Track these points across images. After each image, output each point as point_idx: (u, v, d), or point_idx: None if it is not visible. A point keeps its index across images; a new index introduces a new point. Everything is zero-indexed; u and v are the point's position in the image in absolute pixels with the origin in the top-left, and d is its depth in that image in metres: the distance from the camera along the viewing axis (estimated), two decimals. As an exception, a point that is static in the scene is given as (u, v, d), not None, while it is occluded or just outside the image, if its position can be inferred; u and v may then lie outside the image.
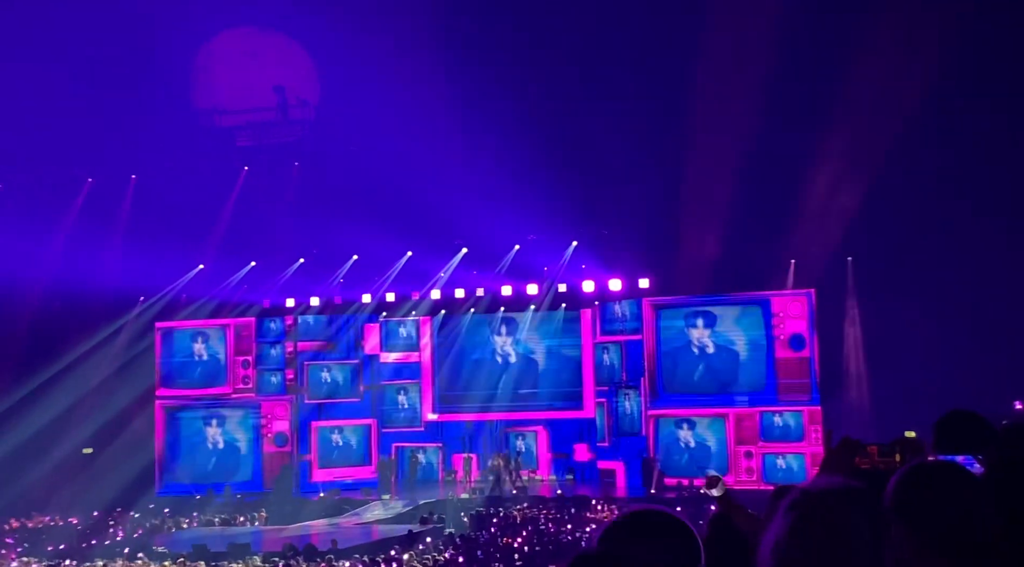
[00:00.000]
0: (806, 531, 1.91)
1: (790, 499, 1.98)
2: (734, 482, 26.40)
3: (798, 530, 1.91)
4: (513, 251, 29.75)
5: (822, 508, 1.93)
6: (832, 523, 1.91)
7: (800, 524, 1.92)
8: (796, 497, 1.97)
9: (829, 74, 24.59)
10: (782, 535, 1.92)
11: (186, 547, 21.65)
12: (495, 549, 18.57)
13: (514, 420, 30.59)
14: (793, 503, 1.96)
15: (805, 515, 1.93)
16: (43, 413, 28.64)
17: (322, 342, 31.11)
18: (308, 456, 30.55)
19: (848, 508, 1.93)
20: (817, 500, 1.95)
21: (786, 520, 1.94)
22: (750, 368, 27.67)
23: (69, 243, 28.14)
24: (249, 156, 30.02)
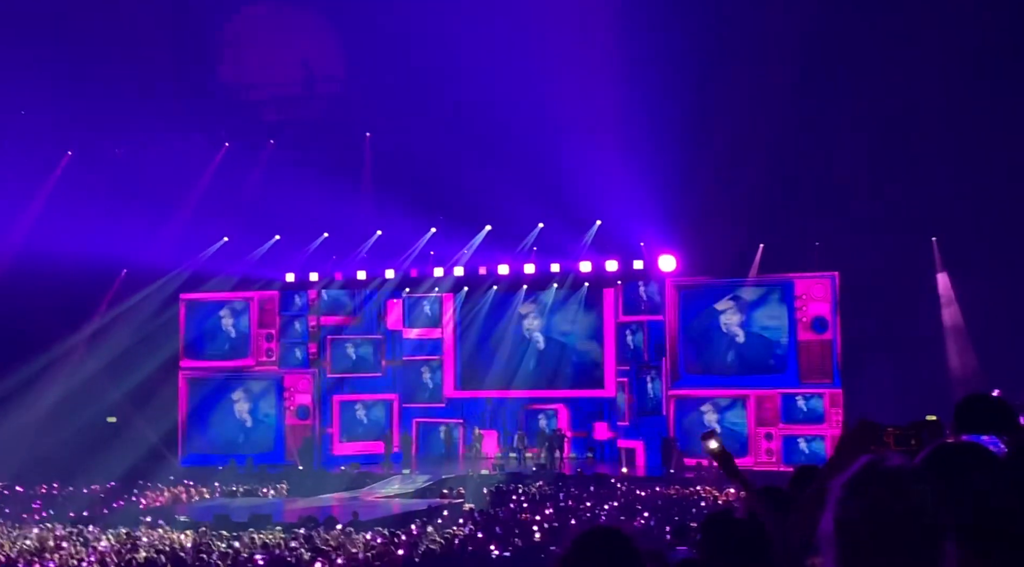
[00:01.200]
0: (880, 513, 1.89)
1: (854, 478, 1.96)
2: (753, 463, 26.41)
3: (871, 512, 1.89)
4: (537, 229, 29.71)
5: (895, 487, 1.92)
6: (905, 506, 1.90)
7: (873, 504, 1.90)
8: (862, 474, 1.95)
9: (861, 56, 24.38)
10: (852, 517, 1.90)
11: (208, 516, 21.87)
12: (514, 525, 18.64)
13: (535, 398, 30.65)
14: (859, 481, 1.94)
15: (879, 497, 1.91)
16: (68, 382, 28.94)
17: (345, 317, 31.24)
18: (330, 429, 30.75)
19: (921, 486, 1.92)
20: (889, 479, 1.93)
21: (853, 501, 1.92)
22: (772, 350, 27.60)
23: (97, 214, 28.31)
24: (275, 130, 30.07)
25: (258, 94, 30.24)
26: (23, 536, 19.29)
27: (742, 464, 23.09)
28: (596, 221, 29.27)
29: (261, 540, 17.33)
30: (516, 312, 31.18)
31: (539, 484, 24.78)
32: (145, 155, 29.58)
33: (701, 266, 28.18)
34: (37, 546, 17.55)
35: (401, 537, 17.70)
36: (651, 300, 28.80)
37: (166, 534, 19.15)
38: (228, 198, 29.54)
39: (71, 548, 17.37)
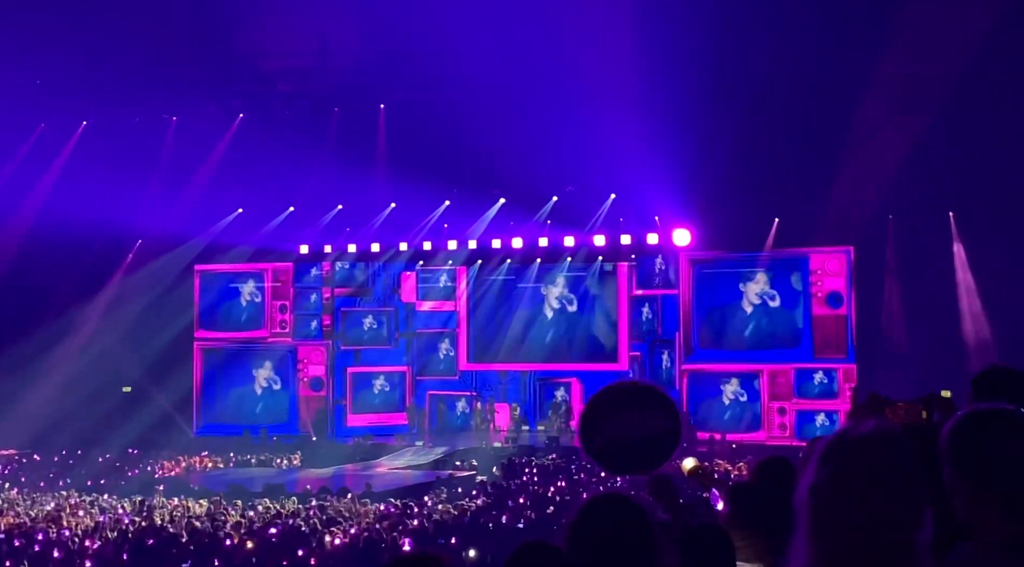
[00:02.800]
0: (845, 477, 1.88)
1: (827, 444, 1.96)
2: (766, 438, 26.43)
3: (837, 476, 1.89)
4: (551, 202, 29.64)
5: (861, 453, 1.91)
6: (871, 469, 1.88)
7: (839, 470, 1.90)
8: (833, 442, 1.95)
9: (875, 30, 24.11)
10: (821, 481, 1.90)
11: (222, 486, 22.04)
12: (526, 497, 18.72)
13: (548, 371, 30.69)
14: (830, 448, 1.94)
15: (844, 461, 1.91)
16: (84, 351, 29.11)
17: (358, 289, 31.30)
18: (343, 401, 30.88)
19: (887, 453, 1.90)
20: (856, 445, 1.92)
21: (824, 466, 1.92)
22: (786, 325, 27.55)
23: (110, 184, 28.35)
24: (289, 101, 30.00)
25: (272, 65, 30.13)
26: (39, 504, 19.49)
27: (754, 438, 23.08)
28: (611, 195, 29.17)
29: (275, 510, 17.46)
30: (530, 285, 31.15)
31: (552, 457, 24.86)
32: (160, 125, 29.56)
33: (716, 240, 28.08)
34: (53, 513, 17.72)
35: (414, 508, 17.80)
36: (665, 274, 28.75)
37: (181, 503, 19.31)
38: (242, 169, 29.51)
39: (86, 516, 17.53)
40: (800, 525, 1.92)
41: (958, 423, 2.24)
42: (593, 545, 2.72)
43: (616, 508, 2.82)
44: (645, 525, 2.76)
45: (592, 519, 2.78)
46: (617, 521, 2.75)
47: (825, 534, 1.87)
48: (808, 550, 1.89)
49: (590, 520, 2.78)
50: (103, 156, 28.67)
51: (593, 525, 2.75)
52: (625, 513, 2.79)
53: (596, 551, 2.71)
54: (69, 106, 28.73)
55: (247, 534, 14.43)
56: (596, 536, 2.73)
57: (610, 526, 2.73)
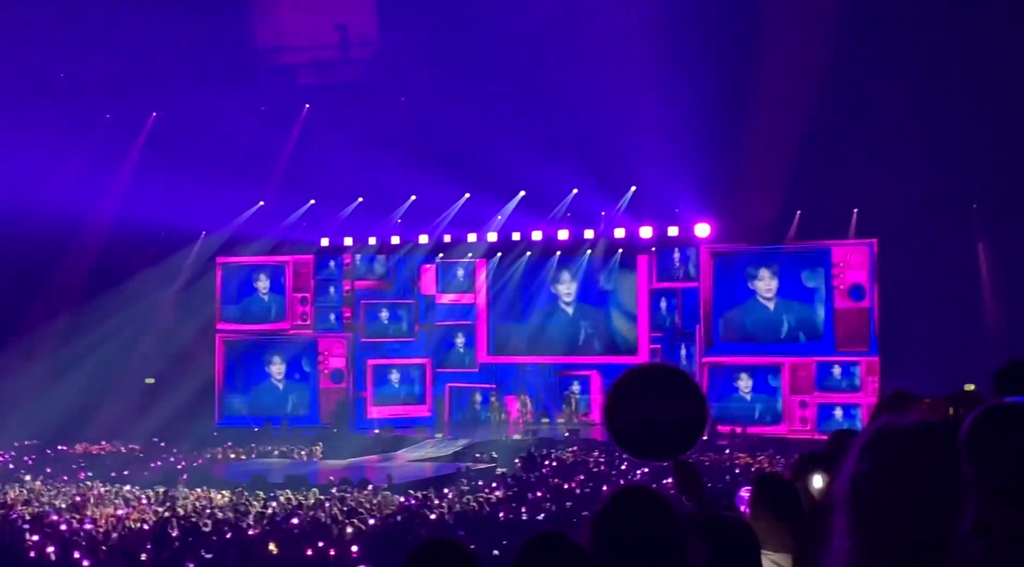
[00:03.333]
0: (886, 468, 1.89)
1: (867, 438, 1.96)
2: (787, 431, 26.35)
3: (878, 467, 1.89)
4: (571, 195, 29.60)
5: (902, 445, 1.91)
6: (912, 460, 1.89)
7: (880, 461, 1.90)
8: (875, 434, 1.95)
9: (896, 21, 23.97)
10: (862, 472, 1.90)
11: (244, 477, 22.15)
12: (546, 490, 18.74)
13: (568, 364, 30.68)
14: (872, 440, 1.94)
15: (885, 452, 1.91)
16: (107, 343, 29.32)
17: (379, 281, 31.39)
18: (363, 393, 30.98)
19: (927, 445, 1.90)
20: (898, 437, 1.92)
21: (865, 457, 1.92)
22: (808, 318, 27.42)
23: (132, 177, 28.53)
24: (310, 94, 30.07)
25: (293, 57, 30.21)
26: (63, 494, 19.65)
27: (775, 432, 22.95)
28: (631, 187, 29.10)
29: (296, 501, 17.55)
30: (549, 278, 31.13)
31: (572, 449, 24.86)
32: (182, 117, 29.69)
33: (737, 233, 27.97)
34: (77, 504, 17.87)
35: (434, 500, 17.85)
36: (685, 267, 28.67)
37: (203, 494, 19.43)
38: (264, 162, 29.63)
39: (110, 507, 17.67)
40: (839, 515, 1.93)
41: (977, 418, 2.23)
42: (618, 538, 2.71)
43: (641, 500, 2.81)
44: (670, 517, 2.76)
45: (616, 511, 2.78)
46: (642, 513, 2.74)
47: (866, 525, 1.88)
48: (849, 541, 1.89)
49: (614, 512, 2.78)
50: (124, 149, 28.85)
51: (617, 517, 2.75)
52: (650, 505, 2.78)
53: (621, 544, 2.70)
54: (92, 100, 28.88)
55: (269, 525, 14.52)
56: (621, 528, 2.73)
57: (635, 518, 2.72)
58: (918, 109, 24.15)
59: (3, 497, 18.70)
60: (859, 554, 1.88)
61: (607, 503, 2.82)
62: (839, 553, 1.91)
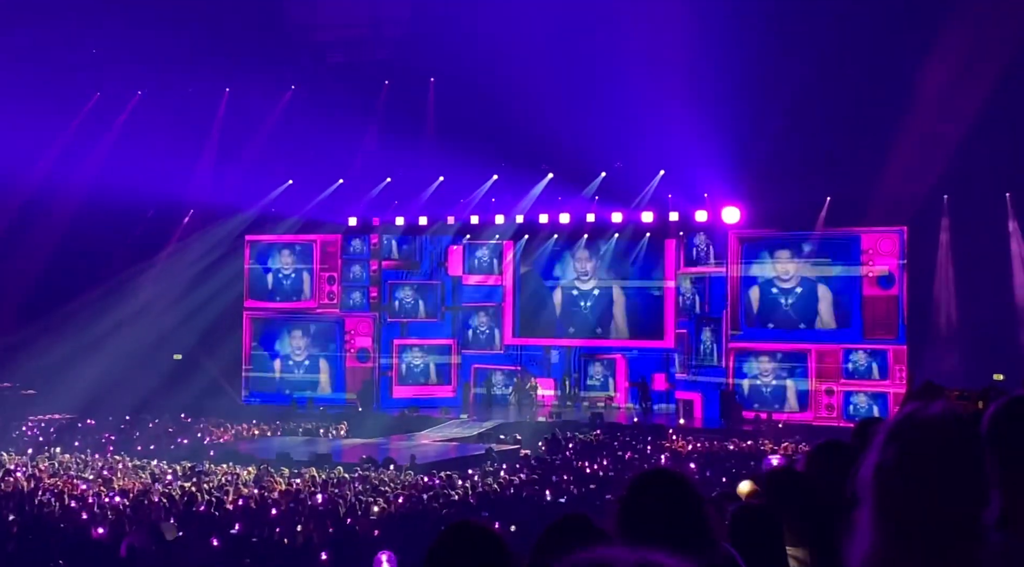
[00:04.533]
0: (911, 457, 1.87)
1: (894, 424, 1.95)
2: (813, 418, 26.22)
3: (903, 455, 1.88)
4: (599, 178, 29.49)
5: (928, 433, 1.90)
6: (938, 449, 1.87)
7: (905, 449, 1.89)
8: (901, 422, 1.94)
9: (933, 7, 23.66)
10: (887, 461, 1.89)
11: (270, 454, 22.33)
12: (569, 473, 18.76)
13: (593, 347, 30.66)
14: (897, 428, 1.93)
15: (911, 440, 1.90)
16: (134, 320, 29.56)
17: (406, 262, 31.45)
18: (389, 373, 31.09)
19: (953, 434, 1.89)
20: (924, 425, 1.91)
21: (890, 445, 1.91)
22: (836, 305, 27.23)
23: (164, 154, 28.68)
24: (341, 73, 30.08)
25: (324, 36, 30.22)
26: (91, 467, 19.88)
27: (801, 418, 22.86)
28: (660, 171, 28.96)
29: (321, 479, 17.65)
30: (576, 261, 31.08)
31: (596, 433, 24.87)
32: (213, 96, 29.81)
33: (766, 218, 27.76)
34: (104, 477, 18.07)
35: (457, 480, 17.91)
36: (713, 252, 28.52)
37: (229, 469, 19.60)
38: (293, 141, 29.71)
39: (137, 481, 17.86)
40: (864, 504, 1.92)
41: (1000, 407, 2.24)
42: (642, 519, 2.74)
43: (667, 482, 2.86)
44: (696, 500, 2.79)
45: (643, 492, 2.80)
46: (668, 496, 2.77)
47: (890, 513, 1.87)
48: (873, 529, 1.88)
49: (641, 494, 2.80)
50: (157, 126, 28.99)
51: (644, 499, 2.77)
52: (676, 488, 2.83)
53: (646, 524, 2.73)
54: (124, 75, 29.05)
55: (294, 502, 14.62)
56: (645, 510, 2.75)
57: (661, 500, 2.75)
58: (950, 96, 23.87)
59: (32, 469, 18.93)
60: (882, 545, 1.87)
61: (632, 485, 2.84)
62: (862, 545, 1.91)
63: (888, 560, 1.86)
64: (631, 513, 2.79)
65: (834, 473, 4.24)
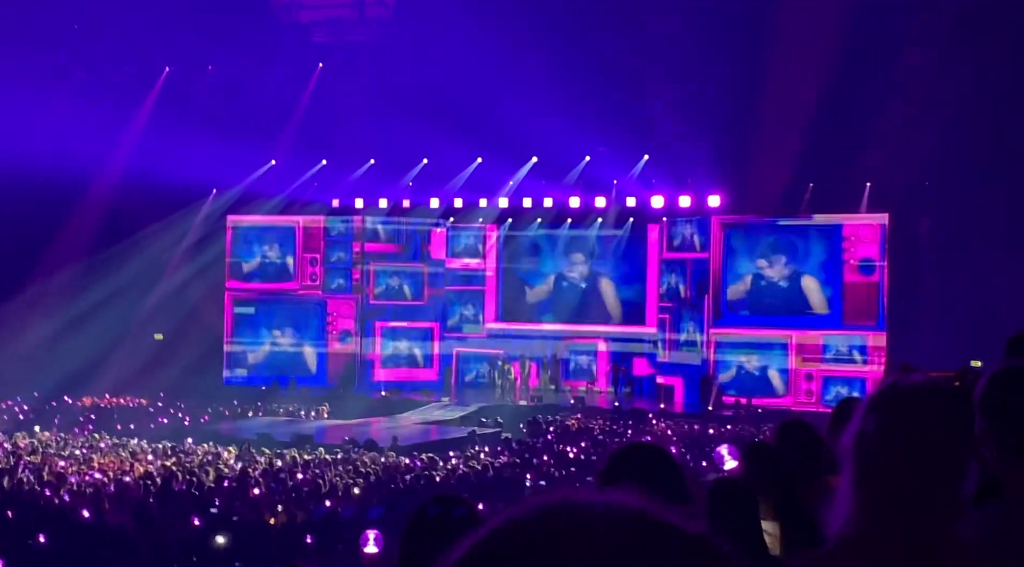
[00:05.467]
0: (892, 425, 1.91)
1: (875, 393, 1.98)
2: (793, 403, 26.37)
3: (884, 424, 1.91)
4: (583, 163, 29.49)
5: (909, 402, 1.93)
6: (918, 418, 1.91)
7: (886, 418, 1.92)
8: (883, 392, 1.97)
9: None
10: (868, 429, 1.93)
11: (251, 435, 22.31)
12: (550, 456, 18.83)
13: (575, 332, 30.71)
14: (879, 397, 1.96)
15: (892, 409, 1.93)
16: (116, 298, 29.41)
17: (389, 244, 31.39)
18: (371, 355, 31.07)
19: (934, 404, 1.92)
20: (905, 395, 1.94)
21: (871, 414, 1.94)
22: (817, 291, 27.36)
23: (144, 132, 28.49)
24: (325, 53, 29.91)
25: (309, 15, 30.03)
26: (71, 446, 19.82)
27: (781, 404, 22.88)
28: (644, 156, 28.99)
29: (302, 460, 17.66)
30: (560, 245, 31.10)
31: (577, 416, 24.96)
32: (195, 74, 29.60)
33: (748, 204, 27.84)
34: (84, 456, 18.02)
35: (439, 462, 17.96)
36: (696, 237, 28.59)
37: (210, 449, 19.58)
38: (276, 121, 29.54)
39: (116, 460, 17.81)
40: (845, 472, 1.95)
41: (992, 377, 2.29)
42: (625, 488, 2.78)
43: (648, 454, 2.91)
44: (676, 471, 2.84)
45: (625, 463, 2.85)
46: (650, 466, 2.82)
47: (870, 481, 1.90)
48: (853, 497, 1.92)
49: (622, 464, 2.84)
50: (137, 105, 28.80)
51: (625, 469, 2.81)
52: (657, 459, 2.88)
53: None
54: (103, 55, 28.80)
55: (275, 482, 14.63)
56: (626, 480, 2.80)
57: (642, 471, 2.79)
58: (932, 83, 23.96)
59: (12, 446, 18.87)
60: (860, 513, 1.91)
61: (613, 456, 2.89)
62: (841, 512, 1.94)
63: (866, 528, 1.89)
64: (613, 483, 2.83)
65: (800, 449, 4.30)
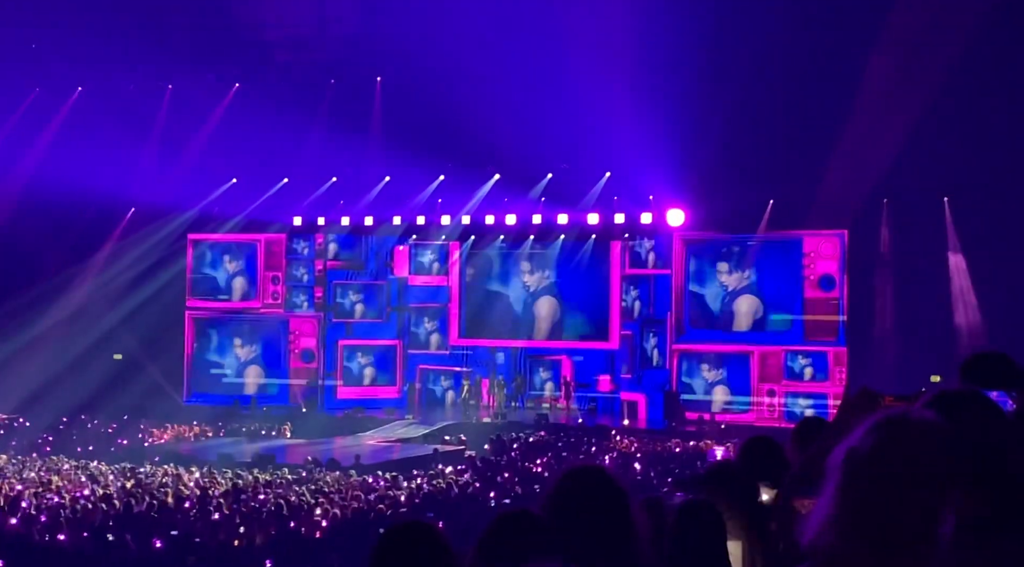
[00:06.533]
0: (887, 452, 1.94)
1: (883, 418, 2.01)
2: (755, 419, 26.51)
3: (878, 447, 1.95)
4: (546, 179, 29.58)
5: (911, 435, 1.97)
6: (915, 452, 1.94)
7: (884, 443, 1.95)
8: (890, 417, 2.01)
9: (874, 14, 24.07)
10: (863, 447, 1.96)
11: (212, 456, 22.08)
12: (514, 473, 18.80)
13: (538, 348, 30.74)
14: (884, 421, 2.00)
15: (893, 436, 1.96)
16: (75, 318, 29.06)
17: (351, 262, 31.28)
18: (334, 374, 30.90)
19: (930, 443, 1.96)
20: (908, 425, 1.98)
21: (871, 434, 1.98)
22: (777, 307, 27.60)
23: (104, 151, 28.21)
24: (286, 71, 29.82)
25: (270, 34, 29.94)
26: (28, 469, 19.50)
27: (743, 419, 23.09)
28: (605, 173, 29.13)
29: (264, 480, 17.50)
30: (523, 262, 31.15)
31: (540, 433, 24.94)
32: (156, 93, 29.40)
33: (710, 221, 28.07)
34: (42, 479, 17.73)
35: (402, 481, 17.86)
36: (658, 254, 28.75)
37: (170, 471, 19.34)
38: (237, 139, 29.39)
39: (75, 483, 17.55)
40: (829, 484, 1.98)
41: (927, 402, 2.32)
42: (567, 510, 2.82)
43: (589, 478, 2.92)
44: (619, 494, 2.87)
45: (568, 489, 2.88)
46: (591, 492, 2.86)
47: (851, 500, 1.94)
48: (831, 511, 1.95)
49: (566, 491, 2.88)
50: (98, 123, 28.51)
51: (568, 495, 2.84)
52: (598, 483, 2.89)
53: (570, 515, 2.80)
54: (63, 71, 28.55)
55: (235, 504, 14.47)
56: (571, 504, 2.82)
57: (585, 496, 2.82)
58: (890, 100, 24.29)
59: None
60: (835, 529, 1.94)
61: (558, 482, 2.92)
62: (815, 521, 1.97)
63: (838, 545, 1.92)
64: (556, 506, 2.85)
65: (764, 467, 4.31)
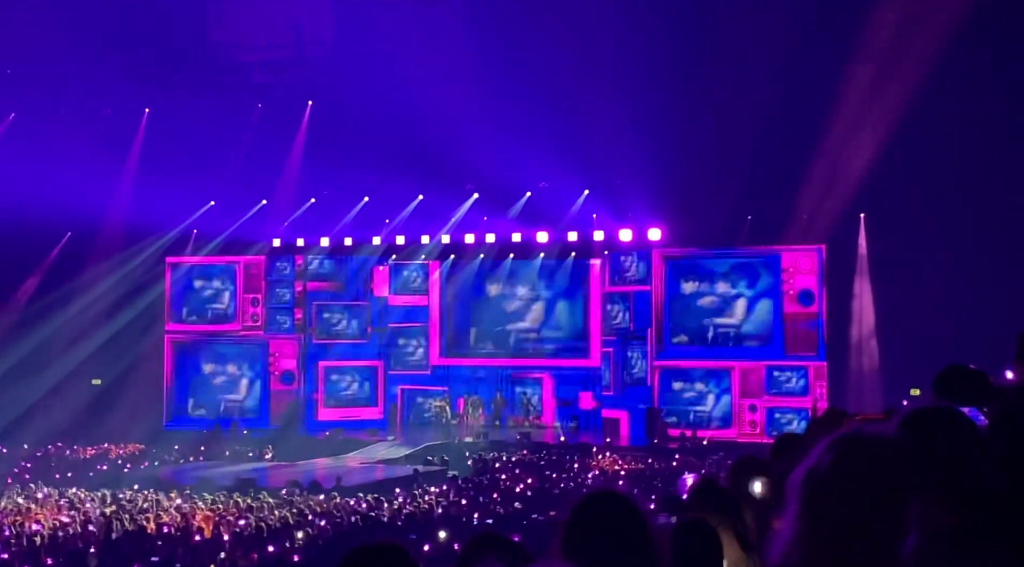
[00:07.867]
0: (845, 469, 1.94)
1: (840, 436, 2.01)
2: (737, 434, 26.54)
3: (836, 464, 1.95)
4: (524, 197, 29.64)
5: (868, 452, 1.97)
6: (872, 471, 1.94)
7: (841, 461, 1.95)
8: (847, 435, 2.01)
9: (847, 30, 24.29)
10: (822, 466, 1.96)
11: (192, 480, 21.92)
12: (497, 493, 18.74)
13: (520, 366, 30.69)
14: (841, 439, 2.00)
15: (849, 454, 1.96)
16: (54, 343, 28.85)
17: (331, 283, 31.20)
18: (315, 395, 30.76)
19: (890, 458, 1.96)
20: (866, 443, 1.98)
21: (829, 453, 1.98)
22: (757, 322, 27.69)
23: (81, 174, 28.07)
24: (263, 93, 29.82)
25: (247, 56, 29.94)
26: (7, 496, 19.30)
27: (725, 435, 23.09)
28: (584, 191, 29.22)
29: (245, 504, 17.38)
30: (502, 280, 31.14)
31: (523, 452, 24.88)
32: (134, 116, 29.33)
33: (689, 237, 28.18)
34: (21, 507, 17.55)
35: (384, 503, 17.77)
36: (638, 270, 28.82)
37: (151, 497, 19.17)
38: (215, 161, 29.32)
39: (54, 510, 17.38)
40: (790, 504, 1.98)
41: (903, 419, 2.34)
42: (589, 539, 2.73)
43: (613, 504, 2.84)
44: (642, 522, 2.80)
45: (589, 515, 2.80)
46: (615, 518, 2.77)
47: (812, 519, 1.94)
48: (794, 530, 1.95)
49: (587, 516, 2.79)
50: (75, 145, 28.39)
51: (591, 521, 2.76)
52: (622, 509, 2.81)
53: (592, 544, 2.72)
54: (40, 96, 28.44)
55: (216, 528, 14.36)
56: (591, 530, 2.74)
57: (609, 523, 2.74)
58: (866, 114, 24.48)
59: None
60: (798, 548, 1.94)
61: (577, 507, 2.83)
62: (781, 542, 1.97)
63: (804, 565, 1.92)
64: (576, 534, 2.78)
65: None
